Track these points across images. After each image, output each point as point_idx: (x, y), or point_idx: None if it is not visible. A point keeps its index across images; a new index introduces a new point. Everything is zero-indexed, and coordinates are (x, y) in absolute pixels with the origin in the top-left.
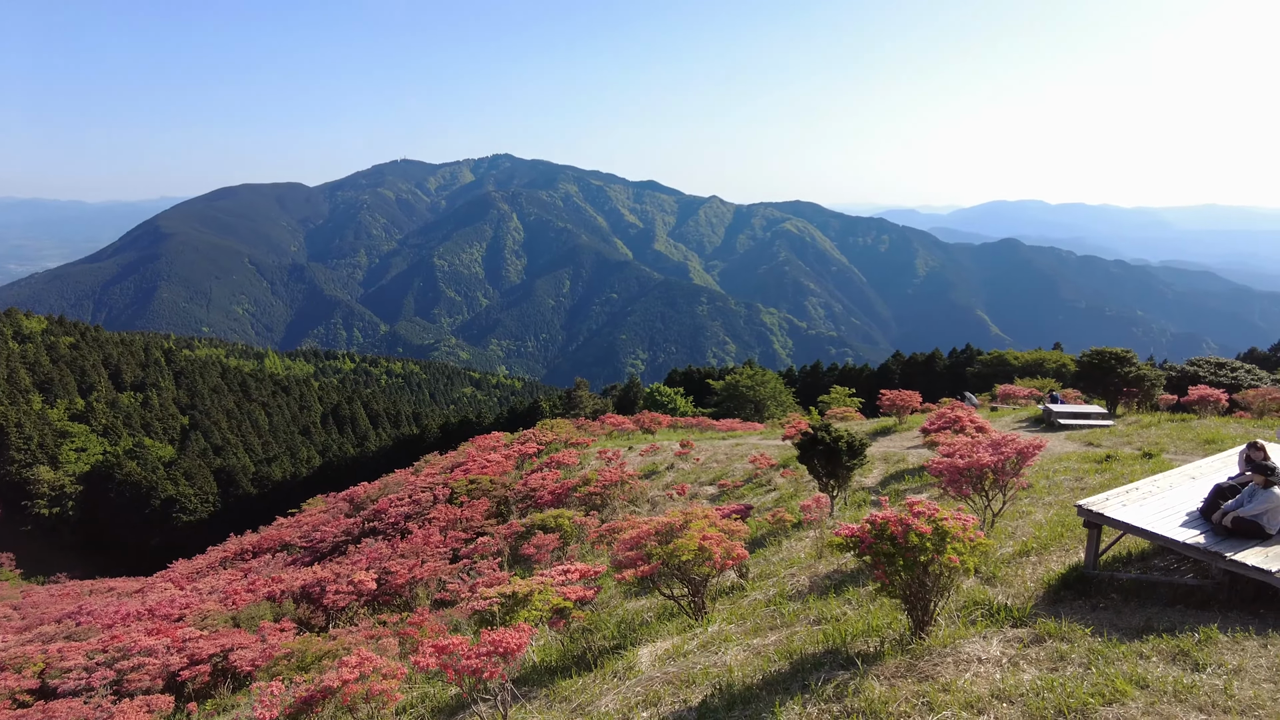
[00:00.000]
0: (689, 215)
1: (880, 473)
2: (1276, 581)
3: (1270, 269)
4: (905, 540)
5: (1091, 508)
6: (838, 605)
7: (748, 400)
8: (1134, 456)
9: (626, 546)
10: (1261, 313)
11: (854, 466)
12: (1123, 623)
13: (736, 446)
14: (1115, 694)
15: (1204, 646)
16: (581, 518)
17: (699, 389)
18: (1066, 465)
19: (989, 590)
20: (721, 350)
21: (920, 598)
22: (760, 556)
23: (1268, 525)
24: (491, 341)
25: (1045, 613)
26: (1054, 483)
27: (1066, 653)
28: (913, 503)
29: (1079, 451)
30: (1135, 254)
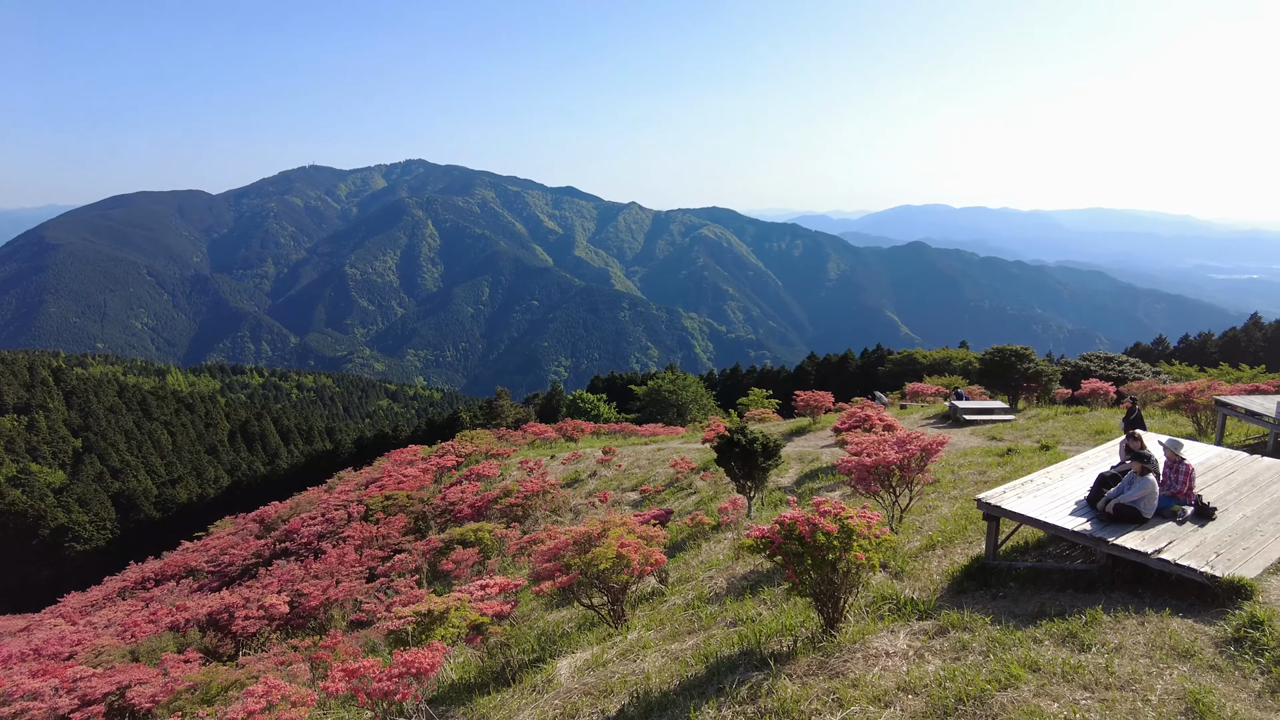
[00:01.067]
0: (608, 221)
1: (796, 472)
2: (1152, 562)
3: (1150, 268)
4: (813, 539)
5: (989, 501)
6: (753, 606)
7: (670, 405)
8: (1033, 449)
9: (545, 558)
10: (1145, 309)
11: (769, 467)
12: (1019, 610)
13: (658, 451)
14: (1010, 678)
15: (1090, 628)
16: (502, 530)
17: (622, 395)
18: (971, 460)
19: (897, 585)
20: (644, 355)
21: (830, 595)
22: (680, 561)
23: (1145, 510)
24: (408, 352)
25: (949, 604)
26: (959, 477)
27: (968, 642)
28: (819, 502)
29: (983, 446)
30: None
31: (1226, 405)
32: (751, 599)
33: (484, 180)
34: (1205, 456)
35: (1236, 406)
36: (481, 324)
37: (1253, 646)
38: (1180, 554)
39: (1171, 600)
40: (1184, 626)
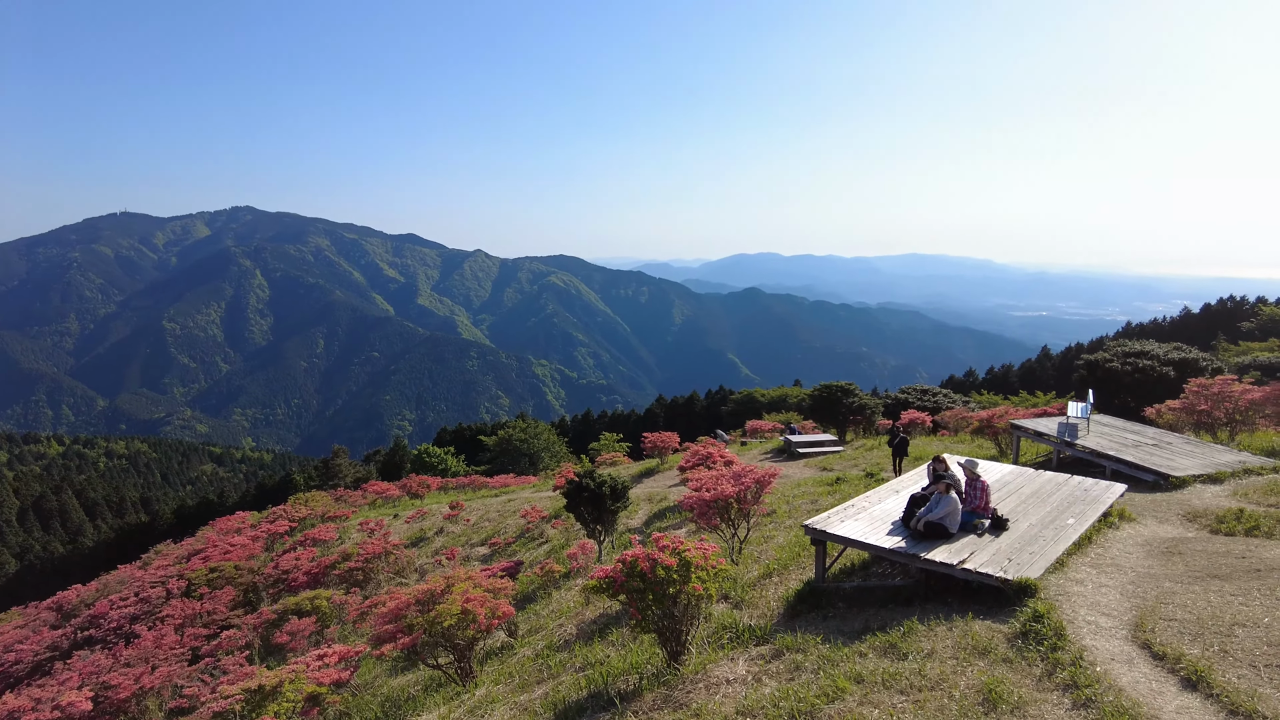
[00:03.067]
0: (454, 269)
1: (646, 513)
2: (957, 573)
3: (960, 307)
4: (653, 575)
5: (816, 526)
6: (602, 649)
7: (522, 454)
8: (859, 477)
9: (385, 619)
10: (958, 344)
11: (619, 510)
12: (847, 627)
13: (509, 502)
14: (837, 692)
15: (907, 637)
16: (342, 596)
17: (471, 446)
18: (804, 490)
19: (737, 614)
20: (495, 405)
21: (672, 629)
22: (531, 611)
23: (950, 525)
24: (235, 411)
25: (785, 628)
26: (794, 507)
27: (801, 662)
28: (659, 538)
29: (815, 476)
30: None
31: (1019, 428)
32: (601, 642)
33: (318, 227)
34: (1000, 474)
35: (1027, 429)
36: (316, 378)
37: (1036, 638)
38: (980, 563)
39: (975, 605)
40: (984, 627)
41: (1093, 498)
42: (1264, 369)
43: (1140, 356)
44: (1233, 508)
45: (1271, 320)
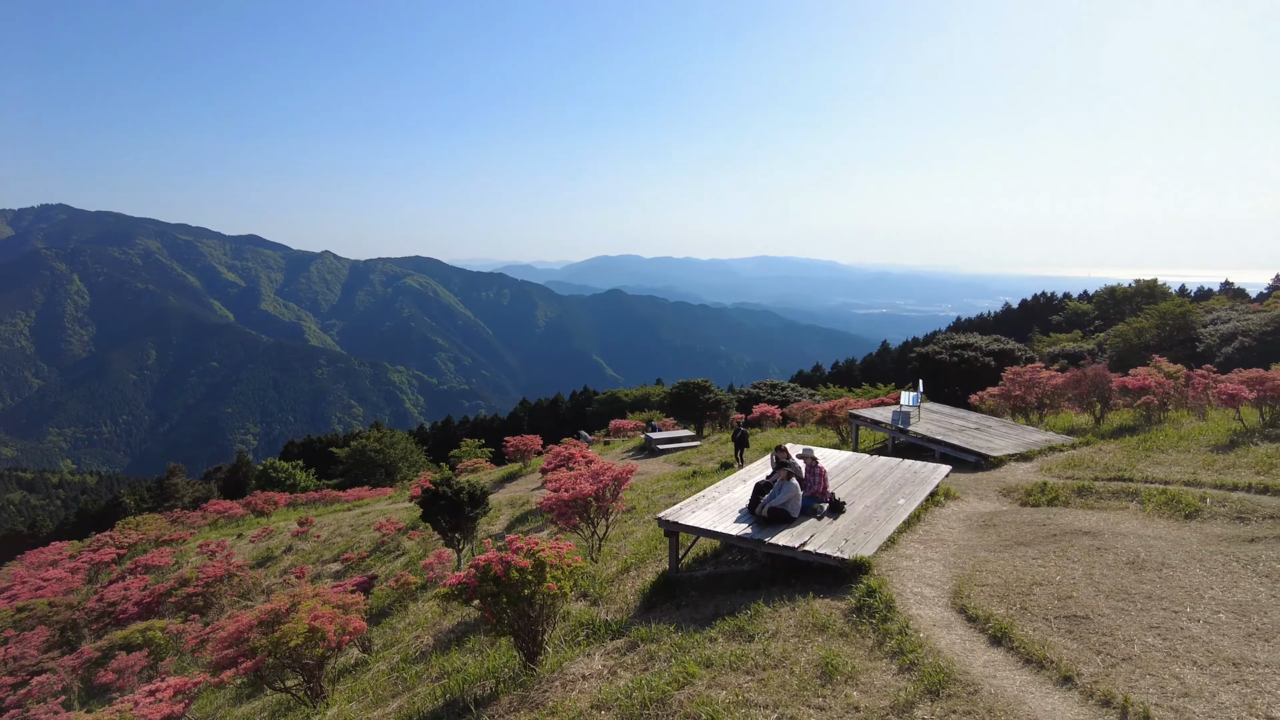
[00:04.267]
0: (300, 272)
1: (508, 518)
2: (799, 555)
3: (808, 306)
4: (507, 578)
5: (668, 519)
6: (459, 657)
7: (377, 465)
8: (714, 469)
9: (225, 644)
10: (807, 341)
11: (478, 516)
12: (699, 614)
13: (363, 515)
14: (687, 677)
15: (754, 620)
16: (179, 626)
17: (323, 459)
18: (663, 485)
19: (595, 610)
20: (347, 414)
21: (528, 630)
22: (386, 625)
23: (792, 510)
24: (50, 431)
25: (641, 620)
26: (653, 502)
27: (655, 652)
28: (512, 540)
29: (674, 471)
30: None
31: (858, 417)
32: (458, 650)
33: (147, 228)
34: (839, 460)
35: (864, 418)
36: (148, 392)
37: (869, 611)
38: (819, 544)
39: (817, 584)
40: (823, 605)
41: (921, 479)
42: (1069, 357)
43: (966, 348)
44: (1038, 481)
45: (1075, 314)
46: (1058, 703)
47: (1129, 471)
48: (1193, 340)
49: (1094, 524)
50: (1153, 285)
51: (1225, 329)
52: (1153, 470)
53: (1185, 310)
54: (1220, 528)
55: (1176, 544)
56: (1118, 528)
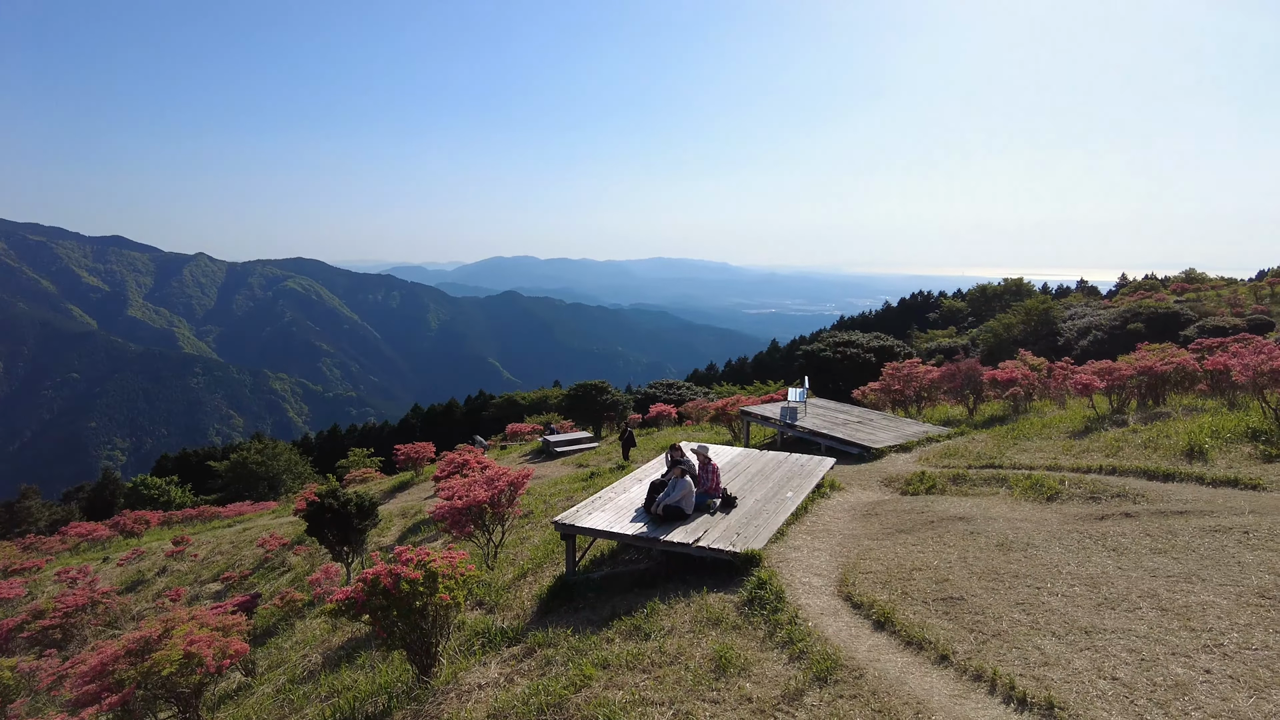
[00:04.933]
0: (171, 275)
1: (399, 529)
2: (693, 551)
3: (702, 307)
4: (397, 590)
5: (565, 521)
6: (350, 674)
7: (260, 478)
8: (613, 470)
9: (87, 679)
10: (702, 341)
11: (367, 528)
12: (597, 616)
13: (245, 532)
14: (584, 680)
15: (650, 618)
16: (32, 662)
17: (199, 474)
18: (561, 488)
19: (491, 618)
20: (226, 426)
21: (421, 643)
22: (272, 646)
23: (686, 507)
24: None
25: (538, 625)
26: (551, 505)
27: (552, 656)
28: (401, 552)
29: (572, 474)
30: (611, 300)
31: (748, 414)
32: (349, 667)
33: None
34: (731, 456)
35: (755, 414)
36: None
37: (760, 603)
38: (712, 539)
39: (711, 579)
40: (717, 599)
41: (808, 472)
42: (945, 352)
43: (849, 345)
44: (917, 471)
45: (950, 311)
46: (935, 681)
47: (999, 459)
48: (1055, 334)
49: (968, 510)
50: (1019, 284)
51: (1081, 323)
52: (1019, 457)
53: (1048, 307)
54: (1076, 508)
55: (1039, 525)
56: (989, 512)
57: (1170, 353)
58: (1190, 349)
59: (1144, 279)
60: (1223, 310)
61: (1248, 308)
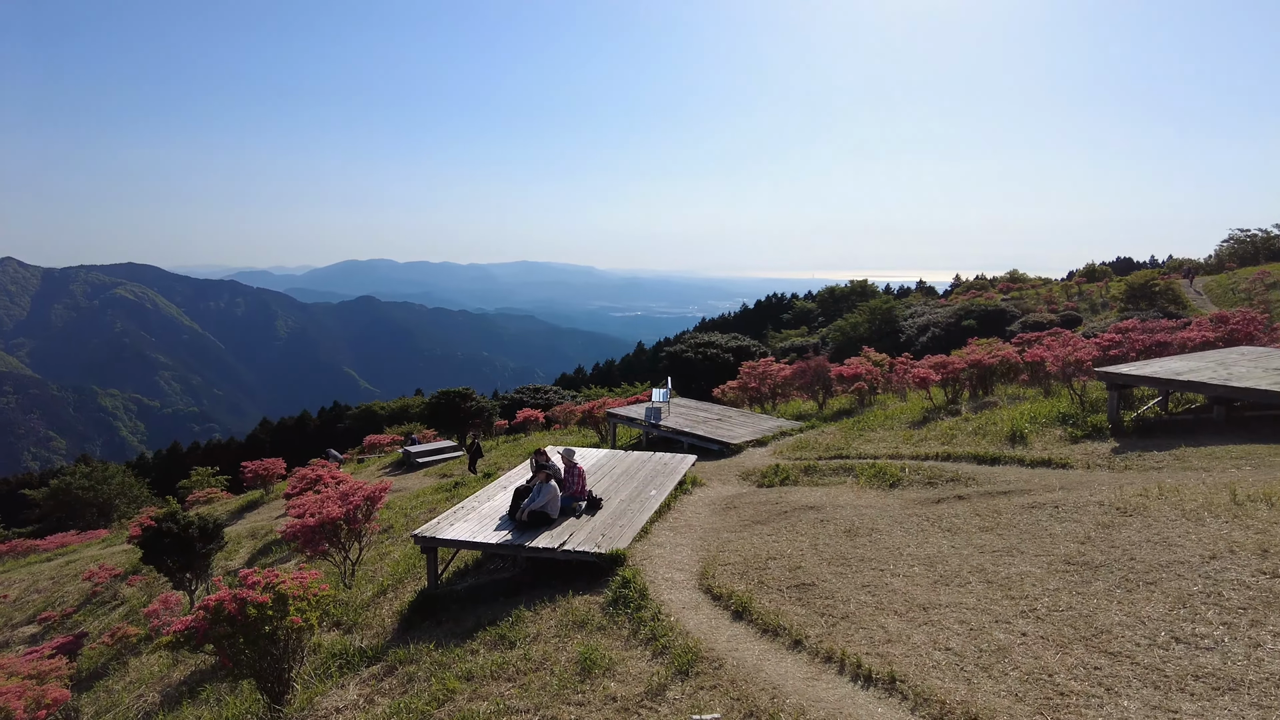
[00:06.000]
0: None
1: (249, 550)
2: (559, 555)
3: (569, 310)
4: (244, 616)
5: (425, 534)
6: (192, 710)
7: (87, 504)
8: (477, 479)
9: None
10: (569, 345)
11: (212, 552)
12: (461, 628)
13: (69, 565)
14: (448, 694)
15: (515, 626)
16: None
17: (12, 504)
18: (424, 500)
19: (349, 638)
20: (45, 449)
21: (273, 669)
22: (101, 688)
23: (551, 511)
24: None
25: (399, 642)
26: (413, 518)
27: (414, 673)
28: (247, 575)
29: (435, 484)
30: (475, 304)
31: (615, 415)
32: (190, 703)
33: None
34: (596, 458)
35: (620, 415)
36: None
37: (624, 602)
38: (578, 542)
39: (578, 582)
40: (582, 601)
41: (671, 470)
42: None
43: (709, 346)
44: (772, 464)
45: (803, 311)
46: (790, 665)
47: (846, 450)
48: (897, 332)
49: (818, 499)
50: (864, 285)
51: (921, 321)
52: (865, 447)
53: (890, 306)
54: (916, 493)
55: (883, 511)
56: (837, 500)
57: (996, 347)
58: (1013, 343)
59: (975, 279)
60: (1041, 307)
61: (1061, 304)
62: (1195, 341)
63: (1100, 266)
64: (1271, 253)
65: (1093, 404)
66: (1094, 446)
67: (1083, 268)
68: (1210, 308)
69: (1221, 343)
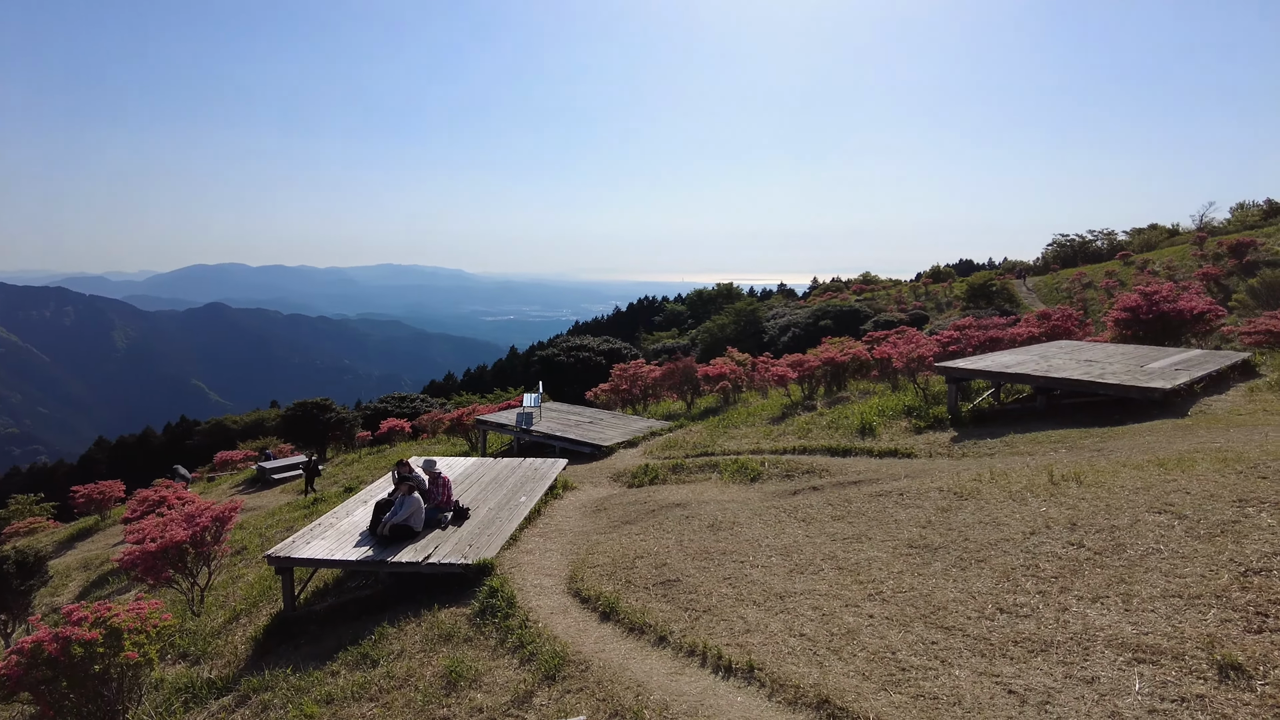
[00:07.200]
0: None
1: (80, 583)
2: (424, 569)
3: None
4: (67, 656)
5: (279, 554)
6: None
7: None
8: (339, 494)
9: None
10: (439, 350)
11: (33, 588)
12: (321, 650)
13: None
14: (305, 719)
15: (379, 644)
16: None
17: None
18: (281, 518)
19: (197, 670)
20: None
21: (105, 712)
22: None
23: (415, 524)
24: None
25: (253, 670)
26: (268, 538)
27: (270, 700)
28: (72, 610)
29: (293, 501)
30: (335, 310)
31: (485, 422)
32: None
33: None
34: (464, 467)
35: (491, 422)
36: None
37: (492, 611)
38: (444, 554)
39: (445, 594)
40: (449, 614)
41: (541, 475)
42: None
43: (581, 349)
44: (642, 464)
45: (673, 314)
46: (655, 662)
47: (712, 447)
48: (761, 332)
49: (685, 496)
50: (730, 288)
51: (782, 322)
52: (729, 444)
53: (754, 308)
54: (775, 485)
55: (744, 504)
56: (702, 497)
57: (848, 345)
58: (864, 341)
59: (831, 281)
60: (891, 307)
61: (910, 304)
62: (1023, 337)
63: (945, 268)
64: (1088, 255)
65: (935, 397)
66: (936, 436)
67: (929, 269)
68: (1040, 305)
69: (1045, 337)
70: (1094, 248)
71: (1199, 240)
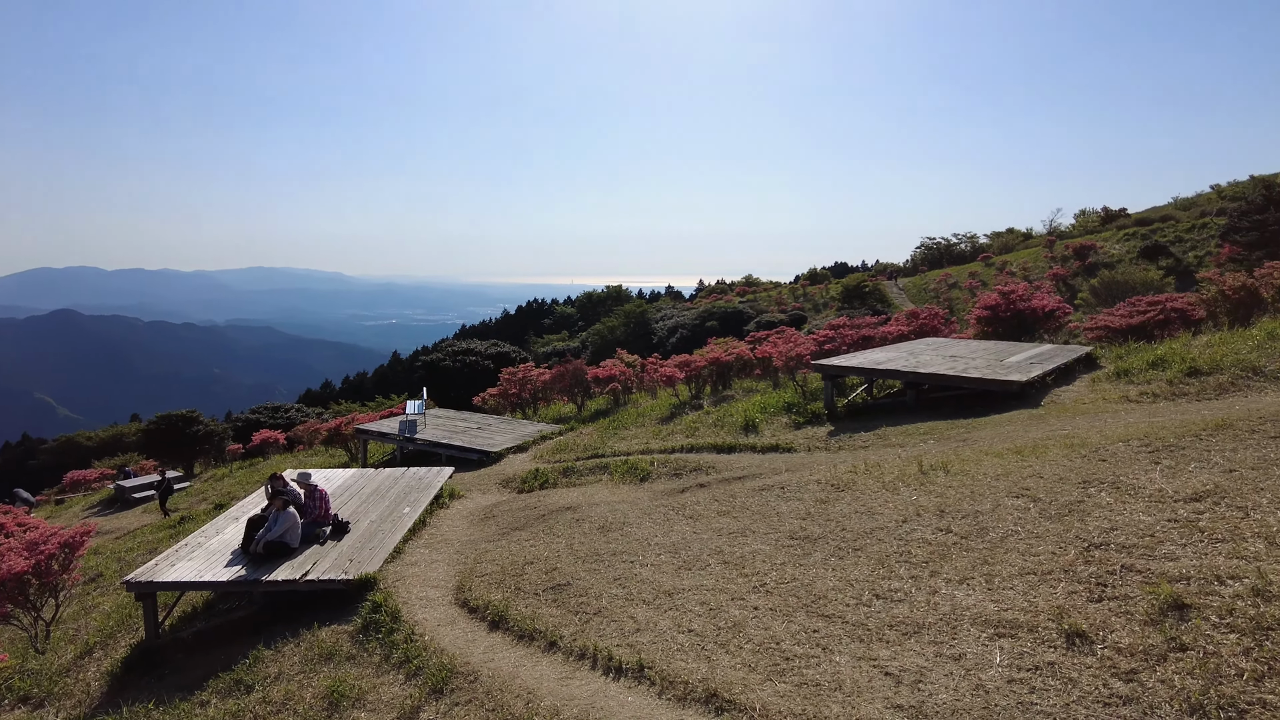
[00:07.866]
0: None
1: None
2: (302, 586)
3: (313, 320)
4: None
5: (140, 579)
6: None
7: None
8: (208, 511)
9: None
10: (316, 357)
11: None
12: (189, 680)
13: None
14: None
15: (253, 668)
16: None
17: None
18: (142, 540)
19: (39, 714)
20: None
21: None
22: None
23: (291, 540)
24: None
25: (109, 708)
26: (128, 562)
27: None
28: None
29: (156, 521)
30: (203, 316)
31: (364, 431)
32: None
33: None
34: (343, 479)
35: (372, 431)
36: None
37: (376, 627)
38: (323, 570)
39: (325, 612)
40: (330, 633)
41: (426, 484)
42: (559, 354)
43: (468, 354)
44: (532, 469)
45: (563, 316)
46: (545, 668)
47: (602, 449)
48: (650, 334)
49: (575, 499)
50: (619, 290)
51: (670, 323)
52: (619, 445)
53: (643, 310)
54: (664, 484)
55: (634, 504)
56: (593, 499)
57: (732, 345)
58: (747, 341)
59: (716, 284)
60: (772, 308)
61: (790, 305)
62: (894, 335)
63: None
64: (953, 257)
65: (813, 393)
66: (814, 431)
67: (806, 272)
68: (910, 304)
69: (914, 335)
70: (958, 250)
71: (1049, 243)
